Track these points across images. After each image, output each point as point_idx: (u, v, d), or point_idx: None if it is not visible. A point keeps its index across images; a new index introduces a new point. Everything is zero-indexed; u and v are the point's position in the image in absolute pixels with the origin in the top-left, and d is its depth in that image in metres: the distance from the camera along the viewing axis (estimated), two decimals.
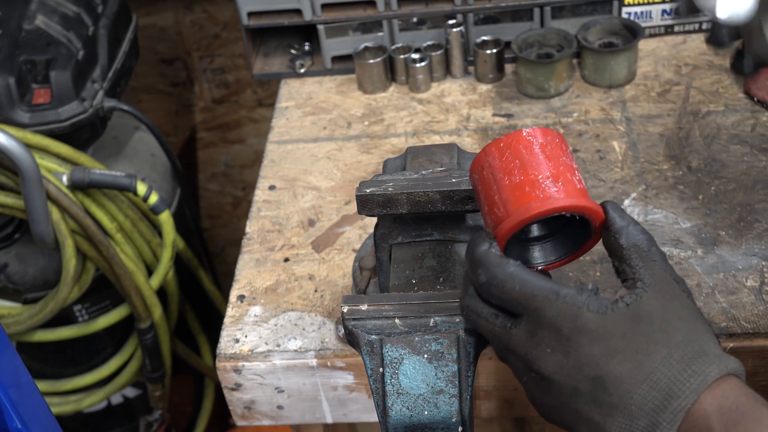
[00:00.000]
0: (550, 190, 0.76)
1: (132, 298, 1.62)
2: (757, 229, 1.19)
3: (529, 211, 0.75)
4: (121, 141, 1.79)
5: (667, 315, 0.72)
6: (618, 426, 0.71)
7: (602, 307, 0.72)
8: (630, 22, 1.49)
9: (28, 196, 1.44)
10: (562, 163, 0.78)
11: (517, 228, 0.76)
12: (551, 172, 0.77)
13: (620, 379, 0.71)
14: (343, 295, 1.12)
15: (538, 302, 0.73)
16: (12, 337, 1.66)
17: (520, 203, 0.76)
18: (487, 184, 0.79)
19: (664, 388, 0.70)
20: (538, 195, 0.76)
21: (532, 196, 0.76)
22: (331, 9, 1.55)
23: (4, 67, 1.49)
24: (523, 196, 0.76)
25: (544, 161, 0.77)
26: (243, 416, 1.19)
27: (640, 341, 0.71)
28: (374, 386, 0.83)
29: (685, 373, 0.70)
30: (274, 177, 1.40)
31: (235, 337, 1.15)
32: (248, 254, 1.27)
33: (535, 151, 0.78)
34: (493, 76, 1.54)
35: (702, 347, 0.71)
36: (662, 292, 0.73)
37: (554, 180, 0.76)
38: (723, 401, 0.69)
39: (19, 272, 1.63)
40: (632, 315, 0.72)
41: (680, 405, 0.69)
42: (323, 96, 1.57)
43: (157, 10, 2.05)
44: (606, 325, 0.72)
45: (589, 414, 0.72)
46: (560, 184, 0.76)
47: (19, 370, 0.96)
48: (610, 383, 0.71)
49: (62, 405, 1.80)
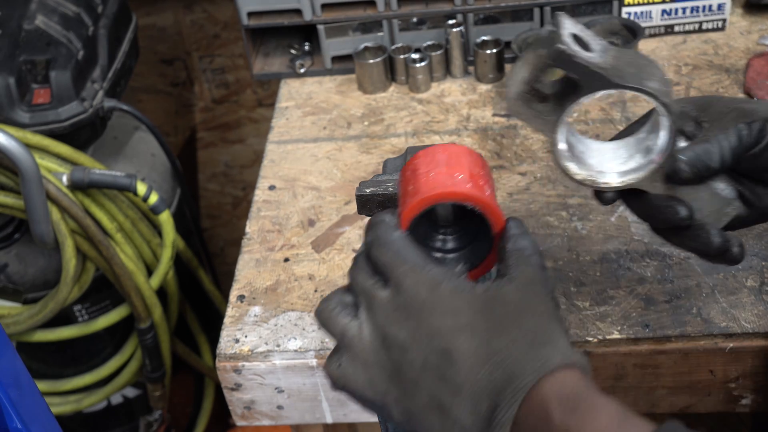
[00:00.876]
0: (460, 181, 0.79)
1: (132, 298, 1.62)
2: (757, 229, 1.19)
3: (433, 191, 0.78)
4: (121, 141, 1.79)
5: (523, 306, 0.74)
6: (464, 410, 0.72)
7: (461, 285, 0.75)
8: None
9: (28, 196, 1.44)
10: (479, 174, 0.81)
11: (419, 207, 0.79)
12: (465, 173, 0.80)
13: (467, 355, 0.72)
14: None
15: (403, 269, 0.75)
16: (12, 337, 1.66)
17: (428, 187, 0.79)
18: (406, 180, 0.83)
19: (508, 369, 0.71)
20: (446, 183, 0.79)
21: (441, 183, 0.79)
22: (331, 9, 1.55)
23: (4, 67, 1.49)
24: (432, 183, 0.79)
25: (463, 165, 0.81)
26: (243, 416, 1.19)
27: (490, 321, 0.73)
28: None
29: (529, 356, 0.71)
30: (274, 177, 1.40)
31: (235, 337, 1.15)
32: (248, 254, 1.27)
33: (456, 158, 0.82)
34: (493, 76, 1.54)
35: (550, 338, 0.73)
36: (525, 289, 0.75)
37: (466, 177, 0.79)
38: (562, 388, 0.70)
39: (19, 272, 1.63)
40: (489, 298, 0.74)
41: (520, 385, 0.70)
42: (323, 96, 1.57)
43: (157, 10, 2.05)
44: (460, 301, 0.74)
45: (438, 394, 0.73)
46: (471, 182, 0.79)
47: (19, 370, 0.96)
48: (457, 358, 0.72)
49: (62, 405, 1.80)
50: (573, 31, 0.86)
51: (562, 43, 0.83)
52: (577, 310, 1.11)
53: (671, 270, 1.15)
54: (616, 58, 0.86)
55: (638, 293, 1.12)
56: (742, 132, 0.88)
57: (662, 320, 1.09)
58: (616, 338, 1.08)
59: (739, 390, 1.10)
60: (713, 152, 0.87)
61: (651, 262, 1.16)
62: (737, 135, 0.87)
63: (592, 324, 1.09)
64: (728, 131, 0.88)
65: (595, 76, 0.84)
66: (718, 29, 1.57)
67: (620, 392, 1.12)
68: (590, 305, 1.11)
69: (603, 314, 1.10)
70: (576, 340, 1.08)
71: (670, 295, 1.12)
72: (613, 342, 1.08)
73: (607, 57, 0.86)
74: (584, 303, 1.12)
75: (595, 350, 1.08)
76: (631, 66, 0.86)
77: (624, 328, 1.08)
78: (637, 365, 1.09)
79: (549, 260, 1.17)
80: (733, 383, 1.10)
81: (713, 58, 1.52)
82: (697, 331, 1.07)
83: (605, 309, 1.11)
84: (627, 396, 1.12)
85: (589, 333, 1.08)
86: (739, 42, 1.54)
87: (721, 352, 1.07)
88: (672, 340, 1.07)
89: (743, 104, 0.90)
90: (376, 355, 0.76)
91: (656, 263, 1.16)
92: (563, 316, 1.10)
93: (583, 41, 0.86)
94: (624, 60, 0.86)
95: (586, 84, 0.84)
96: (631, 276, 1.14)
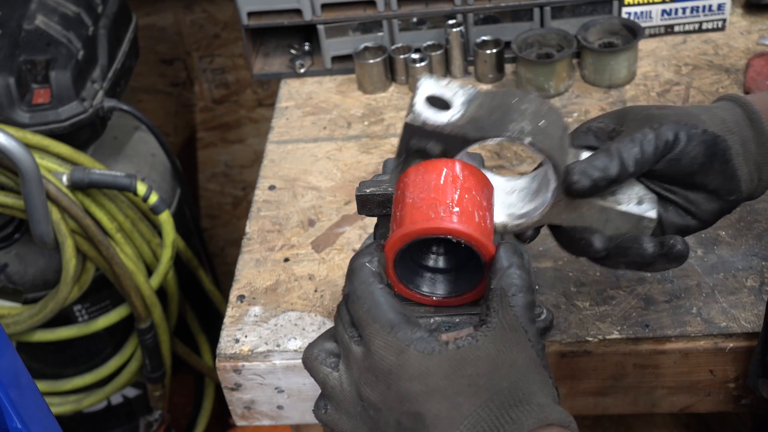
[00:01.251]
0: (444, 213, 0.77)
1: (132, 298, 1.62)
2: (757, 229, 1.19)
3: (414, 226, 0.77)
4: (121, 141, 1.79)
5: (499, 361, 0.72)
6: None
7: (429, 347, 0.72)
8: (630, 22, 1.49)
9: (28, 196, 1.44)
10: (471, 198, 0.79)
11: (401, 242, 0.78)
12: (452, 200, 0.78)
13: (439, 419, 0.71)
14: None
15: (372, 329, 0.74)
16: (12, 337, 1.66)
17: (411, 219, 0.77)
18: (395, 202, 0.81)
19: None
20: (429, 215, 0.77)
21: (425, 215, 0.77)
22: (331, 9, 1.55)
23: (4, 67, 1.49)
24: (417, 214, 0.77)
25: (450, 190, 0.79)
26: (243, 416, 1.19)
27: (461, 383, 0.71)
28: None
29: (502, 419, 0.70)
30: (274, 177, 1.40)
31: (235, 337, 1.15)
32: (248, 254, 1.27)
33: (444, 179, 0.79)
34: (493, 76, 1.54)
35: (526, 397, 0.72)
36: (503, 339, 0.73)
37: (452, 207, 0.77)
38: None
39: (19, 272, 1.63)
40: (459, 358, 0.72)
41: None
42: (323, 96, 1.57)
43: (157, 10, 2.05)
44: (428, 364, 0.72)
45: None
46: (457, 211, 0.77)
47: (19, 370, 0.96)
48: (430, 422, 0.71)
49: (62, 405, 1.80)
50: (432, 92, 0.84)
51: (413, 113, 0.82)
52: (577, 310, 1.11)
53: (671, 270, 1.15)
54: (480, 106, 0.84)
55: (638, 293, 1.12)
56: (646, 137, 0.86)
57: (662, 320, 1.09)
58: (616, 338, 1.08)
59: (739, 390, 1.10)
60: (610, 161, 0.84)
61: None
62: (638, 141, 0.85)
63: (592, 324, 1.09)
64: (628, 138, 0.86)
65: (450, 138, 0.82)
66: (718, 29, 1.57)
67: (620, 392, 1.12)
68: (590, 305, 1.11)
69: (603, 314, 1.10)
70: (576, 340, 1.08)
71: (670, 295, 1.12)
72: (613, 342, 1.08)
73: (469, 110, 0.83)
74: (584, 303, 1.12)
75: (595, 350, 1.08)
76: (496, 111, 0.83)
77: (624, 328, 1.08)
78: (637, 365, 1.09)
79: (549, 260, 1.17)
80: (733, 383, 1.10)
81: (713, 58, 1.52)
82: (697, 331, 1.07)
83: (605, 309, 1.11)
84: (627, 396, 1.12)
85: (589, 333, 1.08)
86: (739, 42, 1.54)
87: (721, 352, 1.07)
88: (672, 340, 1.07)
89: (654, 110, 0.89)
90: (355, 408, 0.76)
91: None
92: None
93: (444, 99, 0.84)
94: (490, 106, 0.84)
95: (447, 146, 0.82)
96: (631, 276, 1.14)
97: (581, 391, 1.12)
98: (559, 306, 1.12)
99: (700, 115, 0.88)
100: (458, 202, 0.78)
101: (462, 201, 0.78)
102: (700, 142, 0.86)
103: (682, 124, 0.87)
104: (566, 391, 1.12)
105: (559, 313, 1.11)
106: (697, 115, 0.88)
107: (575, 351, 1.08)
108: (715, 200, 0.90)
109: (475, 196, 0.79)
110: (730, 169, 0.88)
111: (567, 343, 1.08)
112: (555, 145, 0.82)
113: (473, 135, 0.81)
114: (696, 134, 0.87)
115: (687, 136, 0.86)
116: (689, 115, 0.88)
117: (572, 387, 1.12)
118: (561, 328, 1.09)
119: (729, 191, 0.89)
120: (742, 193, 0.89)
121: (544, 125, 0.82)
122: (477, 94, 0.85)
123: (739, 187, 0.89)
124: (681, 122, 0.87)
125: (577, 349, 1.08)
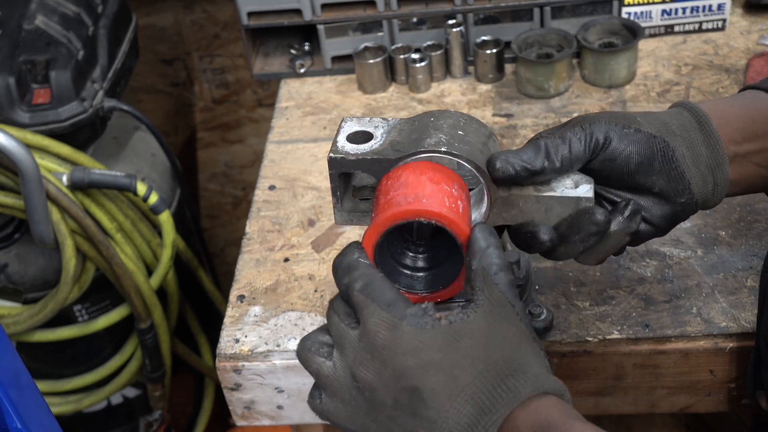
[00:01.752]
0: (412, 200, 0.80)
1: (132, 298, 1.62)
2: (757, 229, 1.19)
3: (386, 212, 0.80)
4: (121, 141, 1.79)
5: (491, 334, 0.73)
6: None
7: (422, 323, 0.74)
8: (630, 22, 1.49)
9: (28, 196, 1.44)
10: (440, 188, 0.82)
11: (376, 232, 0.80)
12: (424, 190, 0.81)
13: (436, 392, 0.72)
14: None
15: (370, 309, 0.75)
16: (12, 337, 1.66)
17: (386, 208, 0.80)
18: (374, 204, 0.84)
19: (478, 403, 0.71)
20: (400, 203, 0.80)
21: (396, 204, 0.80)
22: (331, 9, 1.55)
23: (4, 67, 1.49)
24: (391, 204, 0.80)
25: (423, 183, 0.82)
26: (243, 416, 1.19)
27: (455, 356, 0.72)
28: None
29: (499, 389, 0.71)
30: (274, 177, 1.40)
31: (235, 337, 1.15)
32: (248, 254, 1.27)
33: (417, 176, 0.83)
34: (493, 76, 1.54)
35: (522, 366, 0.73)
36: (492, 314, 0.74)
37: (423, 195, 0.80)
38: (535, 417, 0.70)
39: (19, 272, 1.63)
40: (453, 332, 0.73)
41: (491, 420, 0.70)
42: (323, 96, 1.57)
43: (157, 10, 2.05)
44: (422, 339, 0.73)
45: (413, 429, 0.73)
46: (429, 199, 0.80)
47: (19, 370, 0.96)
48: (427, 395, 0.72)
49: (62, 405, 1.80)
50: (354, 130, 0.89)
51: (335, 148, 0.87)
52: (577, 310, 1.11)
53: (671, 270, 1.15)
54: (401, 131, 0.88)
55: (638, 293, 1.12)
56: (575, 135, 0.87)
57: (662, 320, 1.09)
58: (616, 338, 1.08)
59: (739, 390, 1.10)
60: (535, 154, 0.86)
61: (651, 262, 1.16)
62: (567, 138, 0.87)
63: (592, 324, 1.09)
64: (559, 135, 0.87)
65: (372, 163, 0.86)
66: (718, 29, 1.57)
67: (620, 392, 1.12)
68: (590, 305, 1.11)
69: (603, 314, 1.10)
70: (576, 340, 1.08)
71: (670, 295, 1.12)
72: (613, 342, 1.08)
73: (389, 136, 0.88)
74: (584, 303, 1.12)
75: (595, 350, 1.08)
76: (415, 132, 0.87)
77: (624, 328, 1.08)
78: (637, 365, 1.09)
79: (549, 260, 1.17)
80: (733, 383, 1.10)
81: (713, 58, 1.52)
82: (697, 331, 1.07)
83: (605, 309, 1.11)
84: (627, 396, 1.12)
85: (589, 333, 1.08)
86: (739, 42, 1.54)
87: (721, 352, 1.07)
88: (672, 340, 1.07)
89: (594, 114, 0.90)
90: (350, 393, 0.76)
91: (656, 263, 1.16)
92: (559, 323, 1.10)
93: (365, 132, 0.88)
94: (409, 129, 0.88)
95: (373, 173, 0.86)
96: (631, 276, 1.14)
97: (581, 391, 1.12)
98: (559, 306, 1.12)
99: (637, 117, 0.90)
100: (428, 191, 0.81)
101: (431, 190, 0.81)
102: (633, 141, 0.87)
103: (613, 124, 0.88)
104: None
105: (559, 313, 1.11)
106: (633, 117, 0.90)
107: (575, 351, 1.08)
108: (665, 203, 0.90)
109: (443, 187, 0.82)
110: (676, 170, 0.88)
111: (567, 343, 1.08)
112: (475, 149, 0.86)
113: (394, 156, 0.85)
114: (628, 134, 0.88)
115: (618, 135, 0.87)
116: (625, 117, 0.89)
117: (572, 387, 1.12)
118: (561, 328, 1.09)
119: (677, 193, 0.89)
120: (694, 195, 0.89)
121: (461, 135, 0.86)
122: (397, 123, 0.90)
123: (688, 189, 0.89)
124: (613, 122, 0.88)
125: (577, 349, 1.08)
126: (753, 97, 0.92)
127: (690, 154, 0.89)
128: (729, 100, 0.93)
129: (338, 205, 0.91)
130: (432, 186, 0.81)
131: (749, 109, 0.91)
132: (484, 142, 0.87)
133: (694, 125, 0.90)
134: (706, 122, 0.89)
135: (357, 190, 0.92)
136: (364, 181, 0.92)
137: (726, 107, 0.91)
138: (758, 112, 0.91)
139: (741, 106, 0.91)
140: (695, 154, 0.89)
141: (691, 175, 0.89)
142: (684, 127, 0.89)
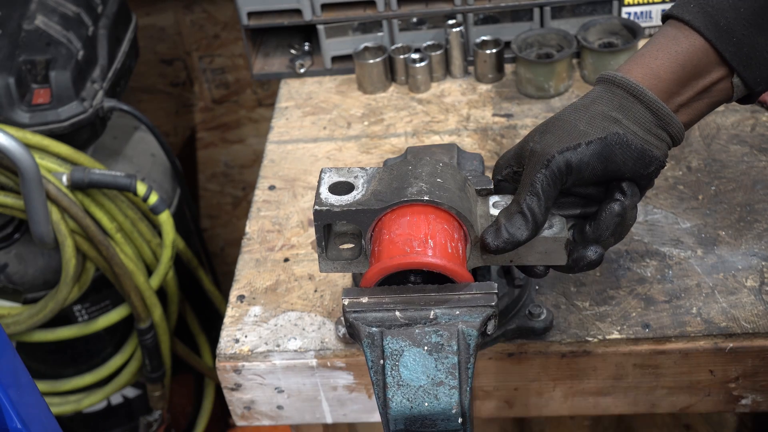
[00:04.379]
0: (419, 248, 0.85)
1: (132, 298, 1.63)
2: (757, 229, 1.19)
3: (392, 260, 0.85)
4: (121, 141, 1.79)
5: None
6: None
7: None
8: (630, 22, 1.49)
9: (28, 196, 1.44)
10: (440, 230, 0.87)
11: (378, 275, 0.86)
12: (425, 234, 0.86)
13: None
14: (344, 288, 1.12)
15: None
16: (12, 337, 1.66)
17: (389, 254, 0.86)
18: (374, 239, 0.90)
19: None
20: (405, 249, 0.85)
21: (401, 250, 0.86)
22: (331, 9, 1.55)
23: (4, 67, 1.49)
24: (393, 249, 0.86)
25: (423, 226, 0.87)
26: (243, 416, 1.19)
27: None
28: (375, 378, 0.84)
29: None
30: (274, 177, 1.40)
31: (235, 337, 1.15)
32: (248, 254, 1.27)
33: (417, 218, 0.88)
34: (492, 76, 1.54)
35: None
36: None
37: (425, 240, 0.86)
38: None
39: (19, 272, 1.63)
40: None
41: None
42: (323, 96, 1.57)
43: (157, 10, 2.05)
44: None
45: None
46: (431, 244, 0.85)
47: (19, 370, 0.96)
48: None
49: (62, 405, 1.80)
50: (334, 180, 0.93)
51: (319, 200, 0.91)
52: (577, 310, 1.11)
53: (671, 270, 1.15)
54: (381, 180, 0.92)
55: (638, 293, 1.12)
56: (542, 182, 0.90)
57: (662, 320, 1.09)
58: (616, 338, 1.08)
59: (739, 390, 1.10)
60: (525, 223, 0.90)
61: (651, 262, 1.16)
62: (537, 188, 0.90)
63: (592, 324, 1.09)
64: (529, 187, 0.91)
65: (357, 213, 0.90)
66: None
67: (620, 392, 1.12)
68: (590, 305, 1.12)
69: (603, 314, 1.10)
70: (576, 340, 1.08)
71: (670, 295, 1.12)
72: (613, 342, 1.08)
73: (371, 186, 0.92)
74: (584, 303, 1.12)
75: (595, 350, 1.08)
76: (395, 181, 0.91)
77: (624, 328, 1.08)
78: (637, 365, 1.09)
79: None
80: (733, 383, 1.10)
81: None
82: (697, 331, 1.07)
83: (605, 309, 1.11)
84: (627, 396, 1.12)
85: (589, 333, 1.08)
86: None
87: (721, 352, 1.07)
88: (672, 340, 1.07)
89: (537, 143, 0.92)
90: None
91: (656, 263, 1.16)
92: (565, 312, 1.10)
93: (346, 183, 0.93)
94: (389, 178, 0.92)
95: (358, 222, 0.91)
96: (631, 276, 1.14)
97: (581, 391, 1.12)
98: (559, 306, 1.12)
99: (579, 125, 0.92)
100: (431, 236, 0.86)
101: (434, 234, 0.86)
102: (590, 154, 0.91)
103: (565, 149, 0.90)
104: (566, 391, 1.12)
105: (559, 313, 1.11)
106: (576, 129, 0.92)
107: (575, 351, 1.08)
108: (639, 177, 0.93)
109: (446, 229, 0.87)
110: (635, 151, 0.92)
111: (567, 343, 1.08)
112: (455, 196, 0.90)
113: (378, 206, 0.90)
114: (583, 151, 0.91)
115: (577, 158, 0.90)
116: (570, 135, 0.91)
117: (572, 387, 1.12)
118: (561, 328, 1.09)
119: (645, 165, 0.93)
120: (658, 157, 0.93)
121: (440, 182, 0.91)
122: (376, 172, 0.94)
123: (651, 157, 0.92)
124: (564, 148, 0.90)
125: (577, 349, 1.08)
126: (674, 38, 0.94)
127: (639, 128, 0.92)
128: (653, 52, 0.95)
129: (323, 255, 0.95)
130: (438, 234, 0.87)
131: (675, 56, 0.93)
132: (461, 188, 0.92)
133: (630, 100, 0.92)
134: (641, 92, 0.92)
135: (338, 236, 0.96)
136: (345, 227, 0.96)
137: (652, 62, 0.94)
138: (683, 56, 0.93)
139: (666, 56, 0.93)
140: (644, 126, 0.92)
141: (650, 146, 0.92)
142: (623, 108, 0.92)
